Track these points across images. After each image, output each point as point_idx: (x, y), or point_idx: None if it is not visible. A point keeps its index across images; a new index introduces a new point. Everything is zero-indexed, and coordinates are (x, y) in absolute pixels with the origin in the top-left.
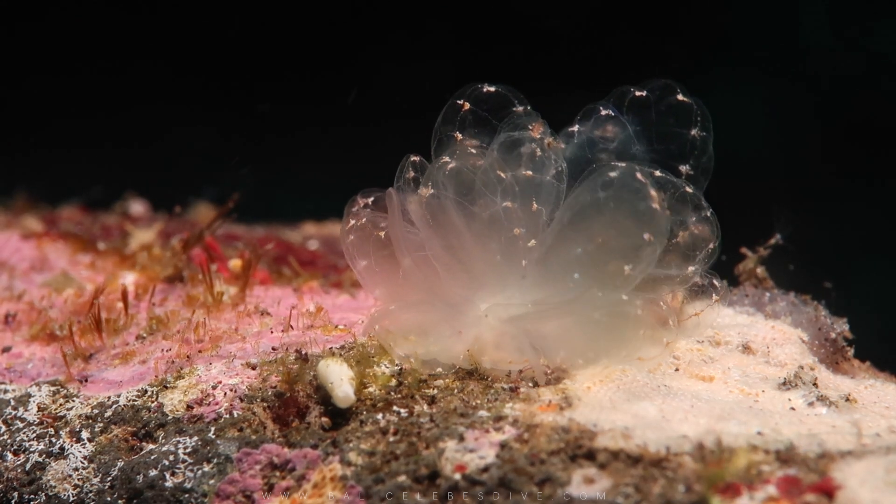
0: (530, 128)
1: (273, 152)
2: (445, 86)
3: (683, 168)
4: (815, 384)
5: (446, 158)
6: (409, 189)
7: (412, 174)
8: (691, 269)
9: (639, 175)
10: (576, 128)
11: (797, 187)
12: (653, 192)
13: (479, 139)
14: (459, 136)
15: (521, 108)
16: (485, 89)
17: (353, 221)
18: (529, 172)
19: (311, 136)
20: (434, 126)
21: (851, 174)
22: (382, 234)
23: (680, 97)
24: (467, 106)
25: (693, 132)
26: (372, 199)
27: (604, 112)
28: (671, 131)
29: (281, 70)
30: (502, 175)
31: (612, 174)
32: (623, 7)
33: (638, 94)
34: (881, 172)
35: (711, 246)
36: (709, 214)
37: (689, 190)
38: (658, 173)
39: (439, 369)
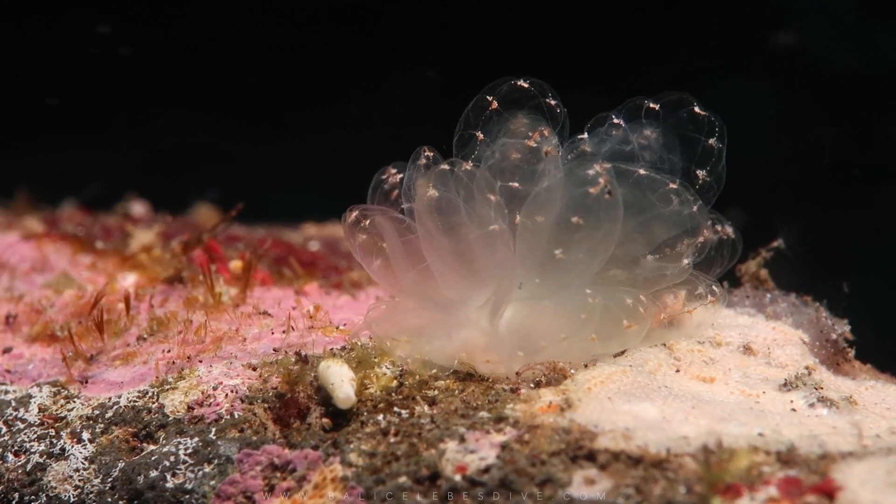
0: (530, 135)
1: (274, 153)
2: (446, 87)
3: (700, 174)
4: (816, 388)
5: (446, 167)
6: (418, 175)
7: (424, 162)
8: (685, 262)
9: (597, 167)
10: (585, 135)
11: (799, 188)
12: (600, 181)
13: (504, 135)
14: (481, 135)
15: (553, 102)
16: (517, 84)
17: (355, 212)
18: (516, 185)
19: (312, 137)
20: (459, 118)
21: (853, 175)
22: (384, 244)
23: (696, 109)
24: (495, 105)
25: (711, 141)
26: (401, 176)
27: (615, 121)
28: (687, 138)
29: (282, 72)
30: (492, 198)
31: (580, 171)
32: (623, 8)
33: (652, 106)
34: (883, 174)
35: (700, 240)
36: (695, 209)
37: (673, 186)
38: (642, 171)
39: (434, 371)
